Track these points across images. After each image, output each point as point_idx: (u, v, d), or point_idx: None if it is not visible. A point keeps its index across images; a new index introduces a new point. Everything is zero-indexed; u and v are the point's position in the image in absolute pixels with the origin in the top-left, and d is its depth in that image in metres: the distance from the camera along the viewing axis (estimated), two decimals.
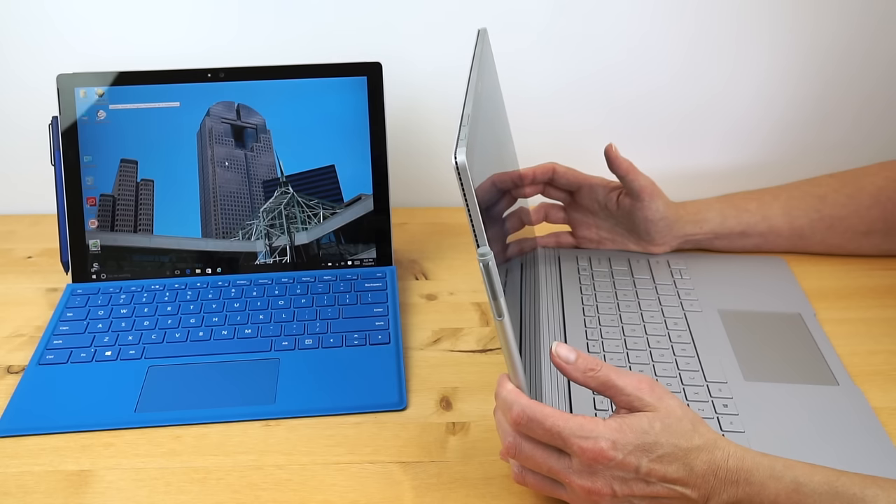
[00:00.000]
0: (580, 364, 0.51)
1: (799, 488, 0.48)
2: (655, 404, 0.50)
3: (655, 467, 0.48)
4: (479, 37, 0.66)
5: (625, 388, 0.50)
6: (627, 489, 0.49)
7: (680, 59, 0.92)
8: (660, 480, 0.49)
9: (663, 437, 0.49)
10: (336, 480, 0.60)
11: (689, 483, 0.49)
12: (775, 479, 0.48)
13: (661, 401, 0.50)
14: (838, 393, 0.66)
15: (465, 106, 0.53)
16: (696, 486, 0.49)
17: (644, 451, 0.48)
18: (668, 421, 0.49)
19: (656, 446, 0.48)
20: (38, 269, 0.87)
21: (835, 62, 0.92)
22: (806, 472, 0.49)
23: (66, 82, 0.79)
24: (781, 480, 0.48)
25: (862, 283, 0.81)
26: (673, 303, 0.77)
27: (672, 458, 0.49)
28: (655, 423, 0.49)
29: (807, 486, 0.48)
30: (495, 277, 0.49)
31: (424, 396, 0.68)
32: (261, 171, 0.82)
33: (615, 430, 0.48)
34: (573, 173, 0.81)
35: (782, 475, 0.49)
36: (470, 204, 0.48)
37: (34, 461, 0.62)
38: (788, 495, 0.48)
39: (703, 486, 0.49)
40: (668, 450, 0.48)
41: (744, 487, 0.49)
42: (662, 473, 0.49)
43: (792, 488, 0.48)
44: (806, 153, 0.97)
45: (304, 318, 0.76)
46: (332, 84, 0.81)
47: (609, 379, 0.51)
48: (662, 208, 0.79)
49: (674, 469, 0.49)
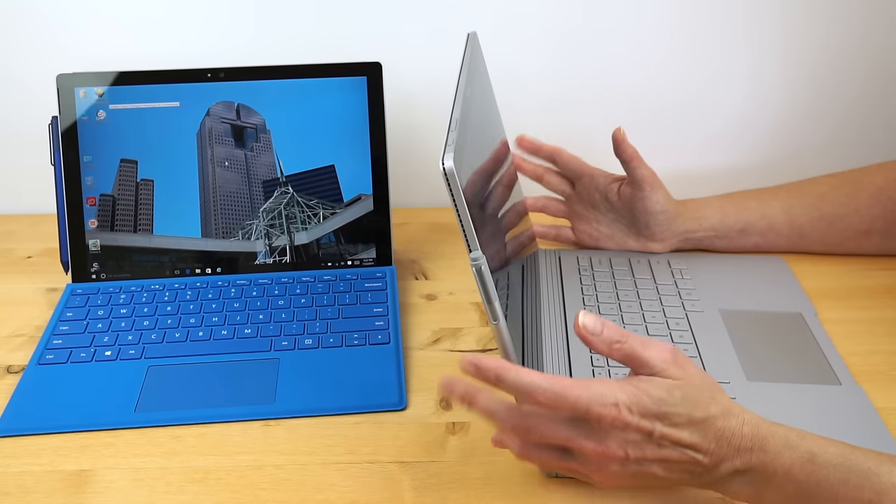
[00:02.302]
0: (606, 335, 0.50)
1: (813, 458, 0.48)
2: (679, 374, 0.50)
3: (669, 431, 0.48)
4: (469, 40, 0.66)
5: (650, 360, 0.50)
6: (640, 452, 0.49)
7: (676, 59, 0.92)
8: (672, 444, 0.49)
9: (681, 407, 0.48)
10: (336, 480, 0.60)
11: (702, 449, 0.49)
12: (790, 448, 0.48)
13: (685, 369, 0.50)
14: (841, 393, 0.66)
15: (454, 111, 0.53)
16: (708, 451, 0.49)
17: (658, 417, 0.48)
18: (688, 390, 0.49)
19: (672, 414, 0.48)
20: (38, 269, 0.87)
21: (827, 63, 0.92)
22: (820, 443, 0.49)
23: (66, 82, 0.79)
24: (796, 450, 0.48)
25: (862, 283, 0.81)
26: (674, 303, 0.77)
27: (686, 423, 0.49)
28: (675, 392, 0.49)
29: (821, 458, 0.48)
30: (489, 282, 0.49)
31: (424, 396, 0.68)
32: (261, 171, 0.82)
33: (632, 392, 0.48)
34: (577, 161, 0.82)
35: (797, 445, 0.48)
36: (460, 209, 0.48)
37: (34, 461, 0.62)
38: (803, 465, 0.48)
39: (715, 451, 0.49)
40: (683, 418, 0.48)
41: (758, 454, 0.49)
42: (676, 437, 0.49)
43: (806, 458, 0.48)
44: (798, 154, 0.97)
45: (304, 318, 0.76)
46: (332, 84, 0.81)
47: (634, 351, 0.50)
48: (663, 200, 0.79)
49: (687, 434, 0.49)
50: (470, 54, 0.63)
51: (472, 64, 0.63)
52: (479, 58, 0.71)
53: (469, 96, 0.58)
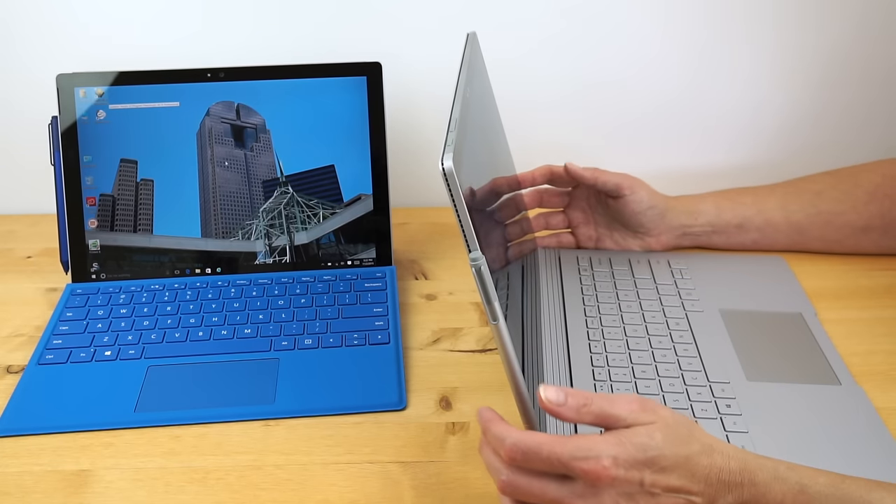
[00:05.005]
0: (571, 403, 0.50)
1: (804, 489, 0.48)
2: (652, 417, 0.49)
3: (658, 478, 0.48)
4: (469, 40, 0.66)
5: (620, 414, 0.49)
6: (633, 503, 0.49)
7: (676, 58, 0.92)
8: (664, 491, 0.48)
9: (665, 449, 0.48)
10: (335, 480, 0.60)
11: (693, 490, 0.48)
12: (780, 480, 0.48)
13: (656, 413, 0.49)
14: (841, 392, 0.66)
15: (453, 110, 0.53)
16: (700, 492, 0.48)
17: (646, 465, 0.48)
18: (666, 431, 0.49)
19: (659, 458, 0.48)
20: (38, 269, 0.87)
21: (825, 63, 0.92)
22: (810, 474, 0.48)
23: (65, 82, 0.79)
24: (786, 482, 0.48)
25: (862, 283, 0.81)
26: (674, 303, 0.77)
27: (674, 466, 0.48)
28: (656, 434, 0.48)
29: (812, 488, 0.48)
30: (488, 282, 0.48)
31: (424, 396, 0.68)
32: (260, 171, 0.82)
33: (615, 444, 0.48)
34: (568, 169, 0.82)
35: (787, 477, 0.48)
36: (459, 209, 0.48)
37: (34, 461, 0.62)
38: (794, 497, 0.48)
39: (706, 491, 0.48)
40: (670, 461, 0.48)
41: (748, 489, 0.48)
42: (665, 483, 0.48)
43: (797, 490, 0.48)
44: (797, 153, 0.97)
45: (304, 318, 0.76)
46: (332, 84, 0.81)
47: (602, 410, 0.50)
48: (647, 198, 0.80)
49: (675, 477, 0.48)
50: (470, 54, 0.63)
51: (471, 64, 0.63)
52: (479, 57, 0.71)
53: (469, 96, 0.58)
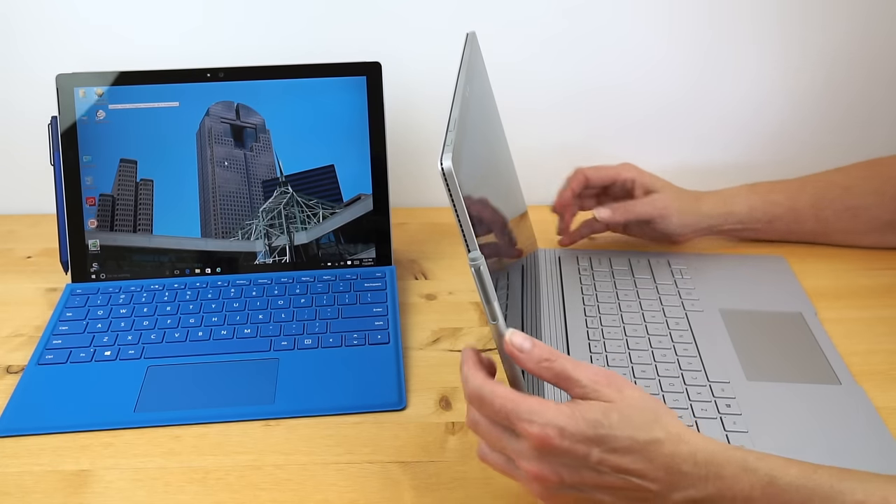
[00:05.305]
0: (535, 354, 0.49)
1: (774, 481, 0.46)
2: (613, 396, 0.47)
3: (608, 457, 0.46)
4: (468, 40, 0.65)
5: (580, 380, 0.48)
6: (577, 477, 0.47)
7: (676, 57, 0.92)
8: (613, 471, 0.47)
9: (619, 430, 0.46)
10: (335, 480, 0.60)
11: (648, 475, 0.47)
12: (749, 472, 0.47)
13: (621, 392, 0.48)
14: (841, 392, 0.66)
15: (453, 110, 0.53)
16: (656, 479, 0.47)
17: (594, 442, 0.46)
18: (628, 412, 0.47)
19: (609, 438, 0.46)
20: (38, 269, 0.87)
21: (828, 62, 0.92)
22: (780, 465, 0.47)
23: (65, 82, 0.79)
24: (755, 473, 0.46)
25: (862, 283, 0.81)
26: (674, 302, 0.77)
27: (627, 450, 0.46)
28: (612, 414, 0.47)
29: (782, 480, 0.46)
30: (487, 282, 0.48)
31: (424, 396, 0.68)
32: (260, 171, 0.82)
33: (566, 416, 0.46)
34: (603, 170, 0.82)
35: (756, 468, 0.47)
36: (458, 209, 0.48)
37: (34, 461, 0.62)
38: (763, 489, 0.46)
39: (664, 479, 0.47)
40: (623, 442, 0.46)
41: (714, 482, 0.47)
42: (616, 464, 0.46)
43: (766, 481, 0.46)
44: (800, 153, 0.97)
45: (304, 318, 0.76)
46: (332, 84, 0.81)
47: (564, 370, 0.48)
48: (677, 221, 0.80)
49: (629, 460, 0.46)
50: (469, 54, 0.63)
51: (471, 64, 0.63)
52: (479, 58, 0.71)
53: (468, 96, 0.58)
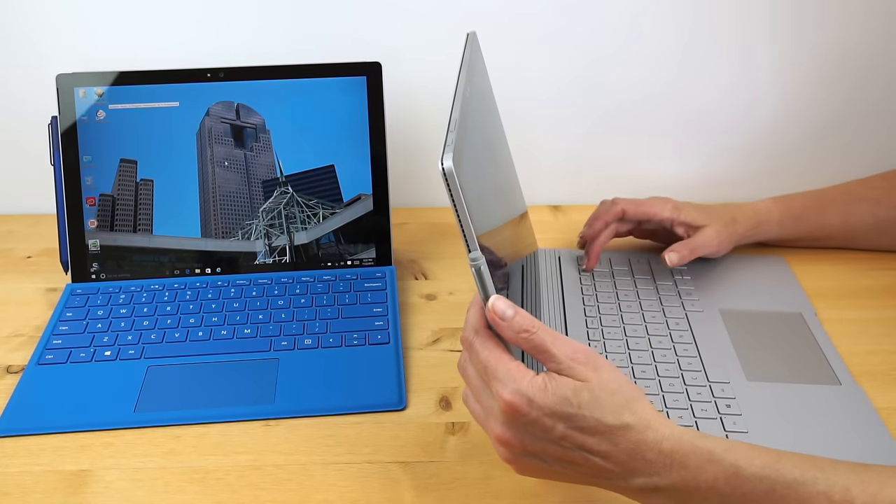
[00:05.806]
0: (516, 322, 0.48)
1: (738, 472, 0.46)
2: (589, 375, 0.47)
3: (573, 434, 0.47)
4: (468, 40, 0.65)
5: (557, 356, 0.48)
6: (539, 447, 0.48)
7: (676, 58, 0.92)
8: (576, 447, 0.47)
9: (587, 410, 0.46)
10: (335, 480, 0.60)
11: (611, 458, 0.47)
12: (714, 462, 0.46)
13: (597, 372, 0.48)
14: (841, 392, 0.66)
15: (453, 110, 0.53)
16: (619, 462, 0.47)
17: (561, 418, 0.46)
18: (599, 394, 0.47)
19: (576, 417, 0.46)
20: (38, 269, 0.87)
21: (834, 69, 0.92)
22: (747, 455, 0.47)
23: (65, 82, 0.79)
24: (720, 464, 0.46)
25: (862, 283, 0.81)
26: (674, 303, 0.77)
27: (593, 430, 0.47)
28: (583, 393, 0.47)
29: (747, 470, 0.46)
30: (488, 282, 0.48)
31: (424, 396, 0.68)
32: (260, 171, 0.82)
33: (539, 388, 0.47)
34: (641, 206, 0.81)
35: (722, 459, 0.46)
36: (459, 210, 0.48)
37: (34, 461, 0.62)
38: (727, 479, 0.46)
39: (626, 463, 0.47)
40: (589, 423, 0.46)
41: (678, 471, 0.46)
42: (580, 441, 0.47)
43: (731, 472, 0.46)
44: (803, 152, 0.97)
45: (304, 318, 0.76)
46: (332, 84, 0.81)
47: (543, 343, 0.48)
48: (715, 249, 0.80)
49: (594, 441, 0.47)
50: (469, 54, 0.63)
51: (471, 64, 0.63)
52: (479, 57, 0.71)
53: (468, 96, 0.58)
